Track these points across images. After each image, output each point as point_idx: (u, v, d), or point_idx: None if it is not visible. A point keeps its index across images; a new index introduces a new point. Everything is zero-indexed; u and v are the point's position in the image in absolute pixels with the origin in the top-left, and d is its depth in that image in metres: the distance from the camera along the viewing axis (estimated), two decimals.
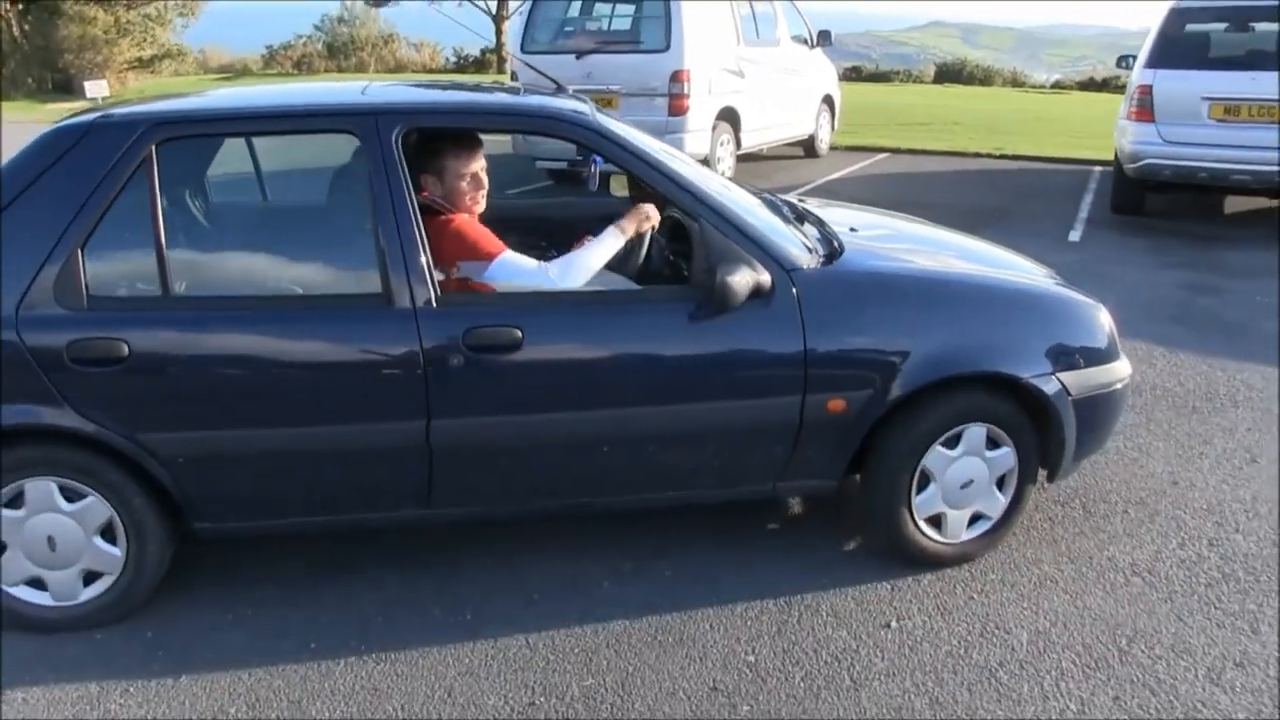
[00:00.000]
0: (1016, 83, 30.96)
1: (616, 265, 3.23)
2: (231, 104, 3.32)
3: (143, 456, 2.79)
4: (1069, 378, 3.16)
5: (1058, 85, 29.81)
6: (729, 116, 9.63)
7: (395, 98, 3.39)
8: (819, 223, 3.56)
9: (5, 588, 2.89)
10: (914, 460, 3.12)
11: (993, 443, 3.19)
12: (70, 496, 2.84)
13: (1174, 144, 8.11)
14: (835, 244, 3.30)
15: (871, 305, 3.07)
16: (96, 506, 2.85)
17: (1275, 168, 7.83)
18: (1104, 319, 3.36)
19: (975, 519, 3.28)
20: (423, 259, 2.84)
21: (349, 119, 2.97)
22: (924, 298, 3.14)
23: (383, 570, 3.27)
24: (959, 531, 3.26)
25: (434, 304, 2.82)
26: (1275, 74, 8.05)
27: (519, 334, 2.84)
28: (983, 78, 30.27)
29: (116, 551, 2.90)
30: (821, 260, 3.13)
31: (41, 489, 2.81)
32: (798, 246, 3.15)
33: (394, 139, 2.88)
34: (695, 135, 9.08)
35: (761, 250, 2.98)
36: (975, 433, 3.15)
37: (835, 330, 3.00)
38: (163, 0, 27.32)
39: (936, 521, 3.24)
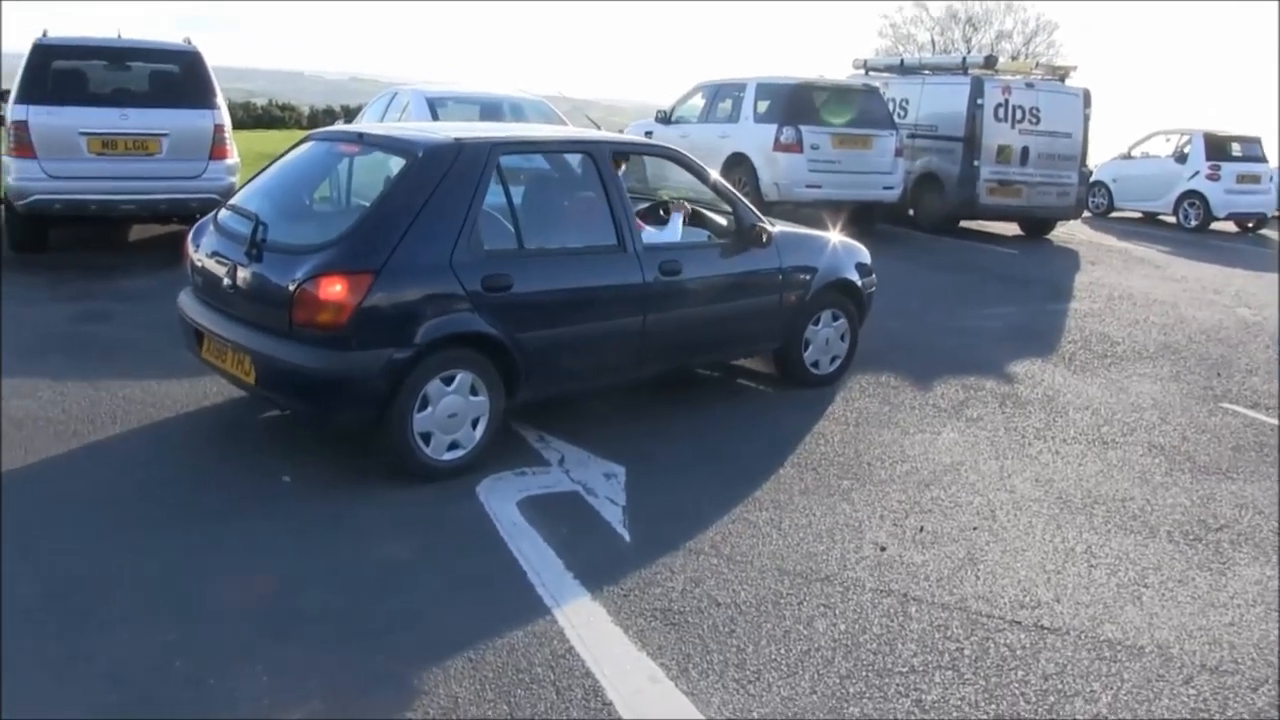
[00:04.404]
0: None
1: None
2: (526, 134, 6.44)
3: (514, 349, 4.62)
4: (865, 282, 6.37)
5: None
6: None
7: (606, 138, 5.98)
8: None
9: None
10: (801, 334, 6.11)
11: (833, 318, 6.24)
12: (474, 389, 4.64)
13: (59, 179, 8.21)
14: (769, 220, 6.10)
15: (800, 247, 6.07)
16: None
17: (157, 196, 8.49)
18: (867, 253, 6.52)
19: (834, 359, 6.36)
20: (636, 223, 5.30)
21: (589, 145, 5.44)
22: (815, 244, 6.23)
23: None
24: (827, 368, 6.29)
25: (643, 250, 5.15)
26: (144, 110, 8.70)
27: (681, 265, 5.29)
28: None
29: (477, 434, 4.67)
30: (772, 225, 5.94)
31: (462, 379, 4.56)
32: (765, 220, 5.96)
33: (609, 157, 5.29)
34: None
35: (761, 220, 5.83)
36: (827, 316, 6.22)
37: (790, 259, 5.91)
38: None
39: (815, 365, 6.26)
